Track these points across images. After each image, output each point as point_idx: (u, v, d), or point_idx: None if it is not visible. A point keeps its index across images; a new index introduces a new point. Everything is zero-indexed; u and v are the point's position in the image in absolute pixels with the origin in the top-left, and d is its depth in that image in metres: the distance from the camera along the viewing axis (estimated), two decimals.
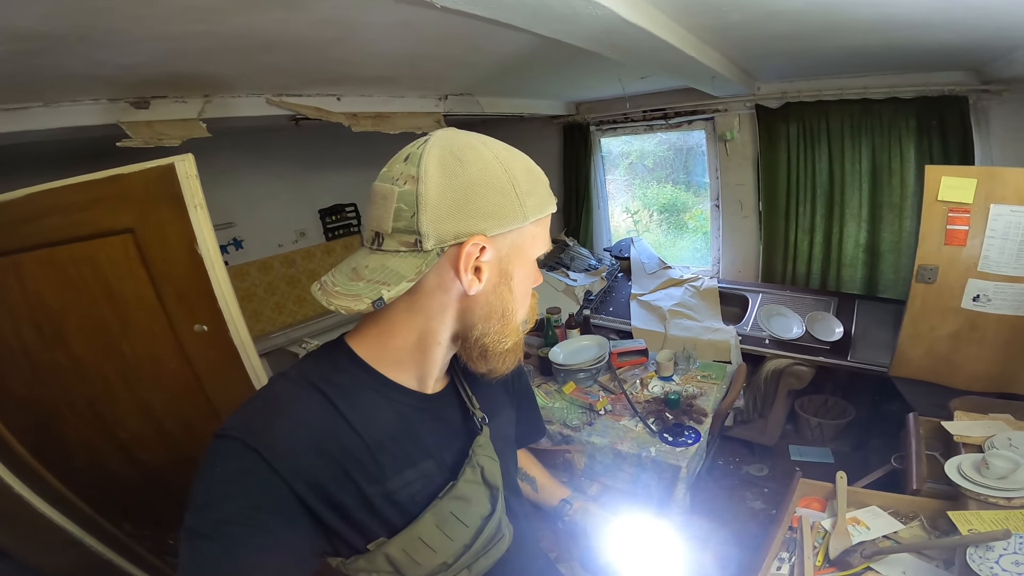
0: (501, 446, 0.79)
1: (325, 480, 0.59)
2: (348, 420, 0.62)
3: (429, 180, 0.59)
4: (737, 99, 3.42)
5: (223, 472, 0.56)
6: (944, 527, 1.32)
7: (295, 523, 0.58)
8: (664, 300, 3.49)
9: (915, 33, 1.93)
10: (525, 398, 1.01)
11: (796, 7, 1.60)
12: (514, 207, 0.62)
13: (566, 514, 1.03)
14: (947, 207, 2.05)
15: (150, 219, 1.31)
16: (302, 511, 0.58)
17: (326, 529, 0.62)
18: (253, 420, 0.60)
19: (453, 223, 0.60)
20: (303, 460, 0.58)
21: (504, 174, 0.62)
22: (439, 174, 0.59)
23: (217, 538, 0.53)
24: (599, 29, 1.44)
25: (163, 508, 1.64)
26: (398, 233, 0.61)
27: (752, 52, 2.35)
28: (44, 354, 1.39)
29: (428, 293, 0.64)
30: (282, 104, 2.15)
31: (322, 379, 0.64)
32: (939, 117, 2.82)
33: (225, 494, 0.55)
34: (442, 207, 0.59)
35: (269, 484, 0.56)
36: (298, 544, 0.59)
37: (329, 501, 0.60)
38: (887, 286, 3.24)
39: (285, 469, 0.56)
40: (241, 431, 0.58)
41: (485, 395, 0.81)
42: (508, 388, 0.92)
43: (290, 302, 3.76)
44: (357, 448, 0.62)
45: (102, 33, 1.18)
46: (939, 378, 2.23)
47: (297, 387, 0.64)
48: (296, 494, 0.57)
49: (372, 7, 1.28)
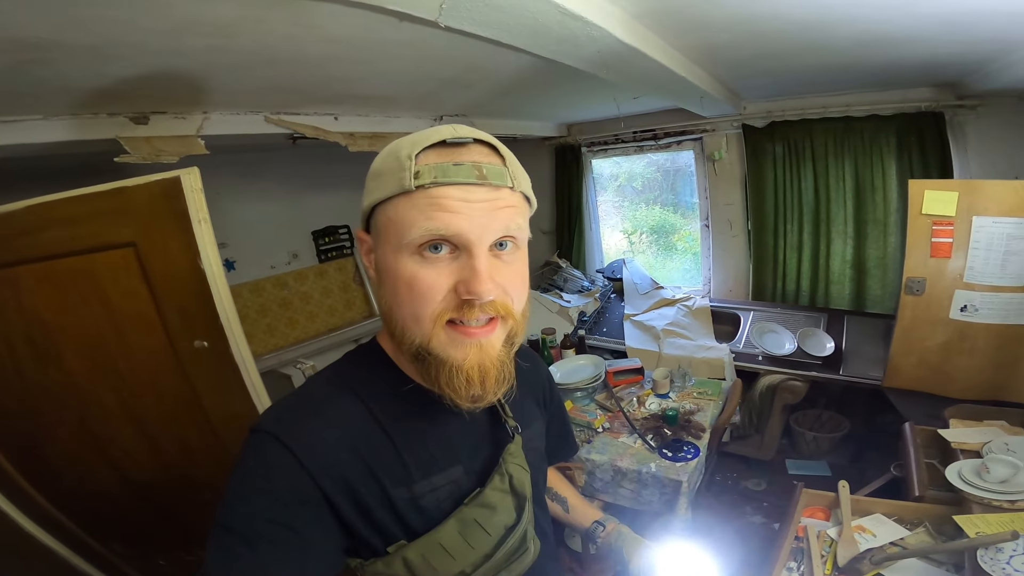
0: (532, 457, 0.77)
1: (352, 479, 0.59)
2: (379, 421, 0.63)
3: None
4: (724, 119, 3.50)
5: (255, 467, 0.56)
6: (950, 532, 1.32)
7: (321, 520, 0.58)
8: (657, 320, 3.52)
9: (892, 50, 1.99)
10: (557, 414, 0.99)
11: (779, 27, 1.67)
12: (367, 194, 0.62)
13: (598, 536, 1.01)
14: (931, 220, 2.11)
15: (153, 233, 1.30)
16: (328, 509, 0.58)
17: (349, 529, 0.61)
18: (286, 416, 0.61)
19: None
20: (331, 458, 0.58)
21: (379, 157, 0.63)
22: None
23: (242, 531, 0.53)
24: (596, 51, 1.49)
25: (154, 528, 1.60)
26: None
27: (739, 71, 2.43)
28: (37, 369, 1.36)
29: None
30: (280, 123, 2.17)
31: (356, 380, 0.65)
32: (918, 133, 2.91)
33: (256, 488, 0.55)
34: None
35: (297, 480, 0.56)
36: (323, 541, 0.58)
37: (354, 500, 0.60)
38: (875, 301, 3.30)
39: (314, 466, 0.57)
40: (273, 426, 0.58)
41: (517, 404, 0.79)
42: (540, 403, 0.91)
43: (282, 324, 3.71)
44: (386, 449, 0.62)
45: (109, 44, 1.19)
46: (931, 388, 2.26)
47: (331, 387, 0.65)
48: (323, 491, 0.57)
49: (378, 25, 1.31)
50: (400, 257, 0.58)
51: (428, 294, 0.57)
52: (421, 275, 0.57)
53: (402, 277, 0.58)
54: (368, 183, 0.62)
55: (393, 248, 0.58)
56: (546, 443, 0.90)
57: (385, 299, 0.62)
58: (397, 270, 0.58)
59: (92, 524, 1.60)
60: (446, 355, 0.59)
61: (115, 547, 1.65)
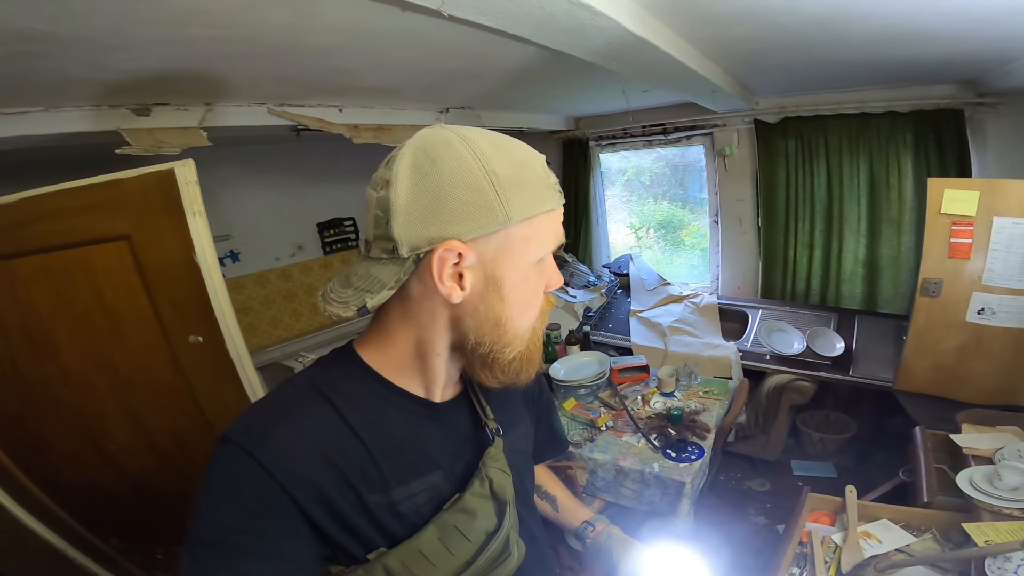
0: (516, 460, 0.76)
1: (325, 487, 0.58)
2: (352, 427, 0.61)
3: (400, 184, 0.57)
4: (736, 114, 3.45)
5: (222, 477, 0.55)
6: (957, 539, 1.30)
7: (293, 530, 0.57)
8: (664, 316, 3.48)
9: (912, 46, 1.95)
10: (546, 410, 0.97)
11: (798, 20, 1.62)
12: (492, 208, 0.57)
13: (587, 536, 0.99)
14: (950, 220, 2.05)
15: (147, 226, 1.28)
16: (301, 518, 0.57)
17: (326, 537, 0.60)
18: (254, 425, 0.59)
19: (424, 228, 0.57)
20: (302, 466, 0.57)
21: (480, 172, 0.57)
22: (409, 177, 0.57)
23: (214, 544, 0.53)
24: (604, 42, 1.45)
25: (151, 521, 1.60)
26: (379, 240, 0.59)
27: (753, 66, 2.38)
28: (32, 362, 1.36)
29: (416, 301, 0.62)
30: (284, 114, 2.14)
31: (329, 385, 0.63)
32: (936, 130, 2.85)
33: (224, 499, 0.54)
34: (412, 212, 0.56)
35: (266, 490, 0.55)
36: (296, 551, 0.57)
37: (329, 508, 0.59)
38: (887, 301, 3.25)
39: (282, 475, 0.55)
40: (241, 436, 0.57)
41: (502, 406, 0.78)
42: (528, 401, 0.89)
43: (287, 316, 3.71)
44: (360, 455, 0.61)
45: (107, 35, 1.17)
46: (944, 391, 2.21)
47: (302, 393, 0.63)
48: (295, 500, 0.56)
49: (378, 14, 1.27)
50: (531, 268, 0.63)
51: (539, 297, 0.67)
52: (538, 282, 0.65)
53: (530, 287, 0.64)
54: (502, 192, 0.57)
55: (527, 260, 0.62)
56: (535, 441, 0.89)
57: (495, 311, 0.62)
58: (528, 281, 0.64)
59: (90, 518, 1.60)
60: (527, 346, 0.66)
61: (114, 542, 1.65)
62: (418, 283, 0.60)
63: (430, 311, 0.62)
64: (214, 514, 0.54)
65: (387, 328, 0.66)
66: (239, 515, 0.54)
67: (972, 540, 1.19)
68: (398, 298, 0.62)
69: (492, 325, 0.62)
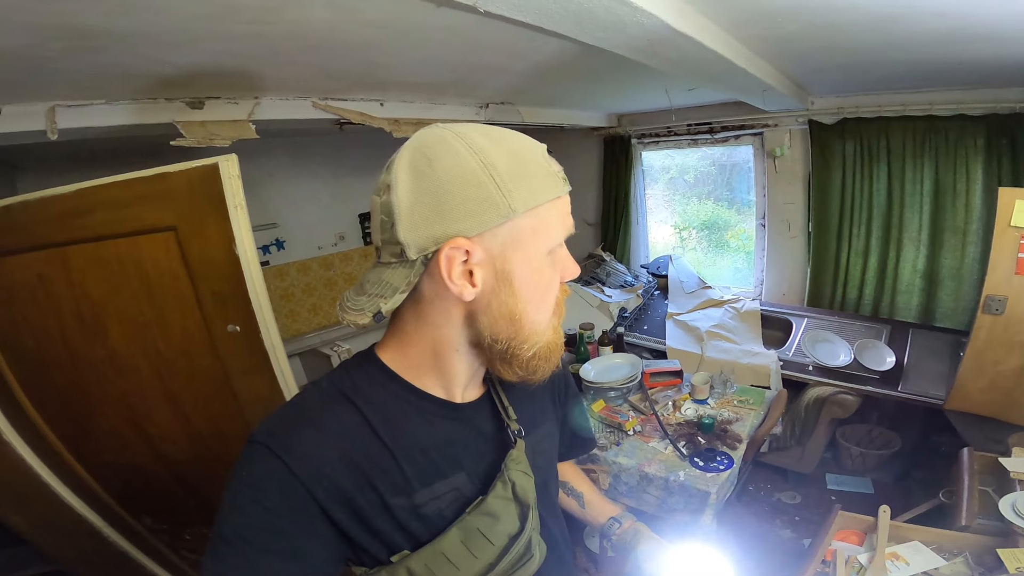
0: (539, 461, 0.75)
1: (348, 489, 0.59)
2: (376, 430, 0.62)
3: (400, 187, 0.57)
4: (789, 114, 3.31)
5: (248, 477, 0.57)
6: (990, 563, 1.24)
7: (316, 531, 0.58)
8: (702, 321, 3.39)
9: (986, 46, 1.81)
10: (572, 408, 0.96)
11: (856, 19, 1.52)
12: (494, 201, 0.56)
13: (613, 533, 0.99)
14: (1020, 233, 1.91)
15: (192, 218, 1.33)
16: (324, 519, 0.58)
17: (349, 539, 0.61)
18: (280, 427, 0.60)
19: (429, 228, 0.57)
20: (326, 468, 0.58)
21: (478, 165, 0.56)
22: (409, 179, 0.57)
23: (237, 543, 0.54)
24: (645, 38, 1.40)
25: (183, 503, 1.67)
26: (387, 244, 0.59)
27: (807, 65, 2.26)
28: (84, 346, 1.43)
29: (429, 302, 0.62)
30: (327, 108, 2.19)
31: (352, 389, 0.64)
32: (1010, 136, 2.65)
33: (249, 499, 0.56)
34: (415, 213, 0.57)
35: (291, 491, 0.56)
36: (318, 552, 0.58)
37: (352, 511, 0.60)
38: (945, 315, 3.05)
39: (307, 476, 0.57)
40: (267, 437, 0.58)
41: (527, 405, 0.77)
42: (555, 399, 0.88)
43: (326, 304, 3.83)
44: (383, 458, 0.62)
45: (158, 31, 1.22)
46: (998, 413, 2.08)
47: (327, 396, 0.64)
48: (318, 502, 0.57)
49: (414, 10, 1.28)
50: (542, 260, 0.62)
51: (554, 289, 0.65)
52: (551, 274, 0.64)
53: (544, 279, 0.63)
54: (502, 184, 0.56)
55: (537, 252, 0.61)
56: (560, 439, 0.88)
57: (508, 306, 0.61)
58: (540, 273, 0.62)
59: (126, 497, 1.68)
60: (546, 340, 0.65)
61: (146, 521, 1.73)
62: (430, 284, 0.61)
63: (444, 311, 0.62)
64: (238, 513, 0.55)
65: (404, 331, 0.66)
66: (263, 514, 0.55)
67: (1004, 566, 1.13)
68: (412, 300, 0.62)
69: (507, 321, 0.62)
